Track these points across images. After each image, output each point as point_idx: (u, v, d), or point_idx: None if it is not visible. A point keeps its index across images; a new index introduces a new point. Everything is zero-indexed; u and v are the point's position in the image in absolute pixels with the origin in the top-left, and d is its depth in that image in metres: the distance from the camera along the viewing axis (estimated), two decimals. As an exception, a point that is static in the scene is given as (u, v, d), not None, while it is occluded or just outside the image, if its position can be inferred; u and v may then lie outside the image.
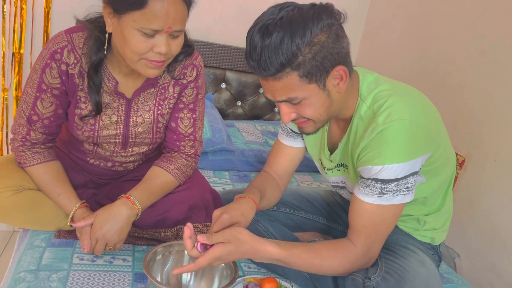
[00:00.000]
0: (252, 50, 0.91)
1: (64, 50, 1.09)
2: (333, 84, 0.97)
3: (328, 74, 0.94)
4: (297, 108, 0.98)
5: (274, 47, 0.88)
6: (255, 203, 1.12)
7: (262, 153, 1.92)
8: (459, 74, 1.67)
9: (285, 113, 0.99)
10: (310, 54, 0.90)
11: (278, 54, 0.89)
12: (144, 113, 1.21)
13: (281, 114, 1.00)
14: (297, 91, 0.94)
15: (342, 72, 0.96)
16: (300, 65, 0.90)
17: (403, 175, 0.97)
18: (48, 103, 1.13)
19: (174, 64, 1.19)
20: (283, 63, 0.89)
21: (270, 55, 0.89)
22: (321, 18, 0.89)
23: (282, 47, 0.88)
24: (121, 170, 1.33)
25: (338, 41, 0.93)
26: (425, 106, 1.05)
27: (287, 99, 0.96)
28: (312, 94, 0.95)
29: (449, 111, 1.67)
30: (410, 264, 1.03)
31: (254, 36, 0.91)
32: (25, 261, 1.09)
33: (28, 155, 1.17)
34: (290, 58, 0.89)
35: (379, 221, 1.01)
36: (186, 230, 0.95)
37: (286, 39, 0.88)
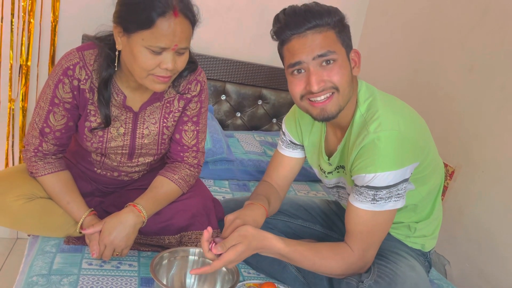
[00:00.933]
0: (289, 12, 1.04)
1: (76, 67, 1.15)
2: (352, 64, 1.08)
3: (350, 50, 1.08)
4: (327, 73, 1.04)
5: (316, 7, 1.03)
6: (266, 210, 1.17)
7: (260, 163, 1.95)
8: (449, 88, 1.74)
9: (316, 77, 1.02)
10: (341, 25, 1.05)
11: (321, 10, 1.03)
12: (150, 125, 1.27)
13: (312, 79, 1.02)
14: (334, 46, 1.03)
15: (356, 56, 1.09)
16: (336, 26, 1.04)
17: (394, 182, 1.03)
18: (60, 116, 1.19)
19: (179, 80, 1.24)
20: (326, 19, 1.02)
21: (313, 12, 1.02)
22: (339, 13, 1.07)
23: (320, 12, 1.02)
24: (126, 180, 1.38)
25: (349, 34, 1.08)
26: (413, 118, 1.13)
27: (326, 52, 1.02)
28: (342, 58, 1.05)
29: (440, 123, 1.74)
30: (400, 268, 1.09)
31: (287, 9, 1.05)
32: (37, 265, 1.14)
33: (40, 165, 1.22)
34: (329, 19, 1.02)
35: (373, 226, 1.07)
36: (205, 233, 1.00)
37: (323, 8, 1.04)
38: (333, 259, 1.07)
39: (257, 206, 1.16)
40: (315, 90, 1.03)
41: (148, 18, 1.01)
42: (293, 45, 1.03)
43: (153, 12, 1.01)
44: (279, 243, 1.03)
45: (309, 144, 1.29)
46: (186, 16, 1.05)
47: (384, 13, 2.24)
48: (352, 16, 1.13)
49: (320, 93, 1.04)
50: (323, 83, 1.03)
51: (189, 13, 1.06)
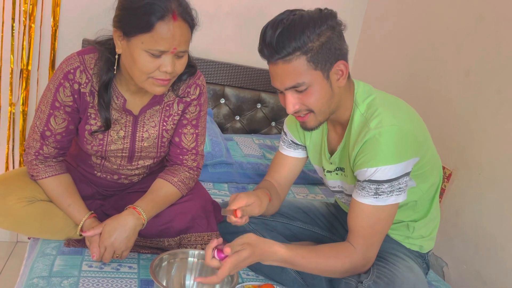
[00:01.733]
0: (266, 37, 1.03)
1: (76, 71, 1.16)
2: (335, 78, 1.08)
3: (332, 67, 1.06)
4: (302, 98, 1.07)
5: (287, 33, 1.01)
6: (268, 195, 1.20)
7: (259, 166, 1.96)
8: (446, 92, 1.76)
9: (290, 103, 1.07)
10: (318, 43, 1.02)
11: (290, 39, 1.00)
12: (150, 128, 1.28)
13: (287, 103, 1.08)
14: (304, 76, 1.03)
15: (343, 66, 1.07)
16: (309, 51, 1.01)
17: (395, 176, 1.05)
18: (60, 119, 1.20)
19: (179, 83, 1.26)
20: (294, 46, 1.00)
21: (284, 40, 1.00)
22: (327, 19, 1.03)
23: (294, 34, 1.00)
24: (126, 183, 1.39)
25: (340, 40, 1.06)
26: (411, 115, 1.15)
27: (295, 84, 1.04)
28: (317, 82, 1.05)
29: (437, 126, 1.75)
30: (399, 269, 1.10)
31: (268, 28, 1.03)
32: (38, 268, 1.15)
33: (41, 169, 1.23)
34: (301, 43, 1.00)
35: (375, 222, 1.08)
36: (214, 240, 1.01)
37: (298, 28, 1.01)
38: (336, 258, 1.08)
39: (259, 190, 1.20)
40: (289, 113, 1.09)
41: (147, 22, 1.02)
42: (270, 70, 1.08)
43: (152, 16, 1.02)
44: (281, 248, 1.05)
45: (311, 143, 1.30)
46: (185, 20, 1.07)
47: (381, 18, 2.26)
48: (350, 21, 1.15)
49: (296, 113, 1.10)
50: (297, 106, 1.08)
51: (188, 17, 1.08)
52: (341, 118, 1.16)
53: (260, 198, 1.16)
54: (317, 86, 1.05)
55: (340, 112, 1.15)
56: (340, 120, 1.17)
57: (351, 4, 2.37)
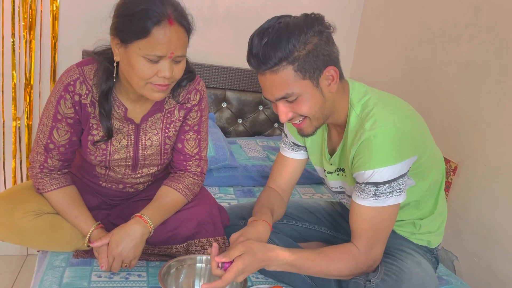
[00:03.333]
0: (253, 48, 1.02)
1: (76, 82, 1.16)
2: (326, 84, 1.06)
3: (321, 74, 1.04)
4: (293, 107, 1.06)
5: (272, 43, 0.99)
6: (269, 225, 1.17)
7: (264, 167, 1.96)
8: (447, 84, 1.75)
9: (282, 112, 1.07)
10: (305, 51, 1.00)
11: (276, 49, 0.99)
12: (152, 136, 1.28)
13: (279, 113, 1.08)
14: (292, 86, 1.02)
15: (333, 72, 1.05)
16: (295, 60, 1.00)
17: (393, 177, 1.04)
18: (63, 131, 1.20)
19: (178, 90, 1.26)
20: (280, 57, 0.99)
21: (269, 50, 0.99)
22: (313, 25, 1.01)
23: (280, 44, 0.99)
24: (132, 191, 1.39)
25: (329, 44, 1.04)
26: (408, 113, 1.13)
27: (284, 95, 1.03)
28: (306, 91, 1.04)
29: (439, 119, 1.75)
30: (406, 265, 1.09)
31: (255, 38, 1.02)
32: (47, 280, 1.15)
33: (46, 181, 1.24)
34: (287, 53, 0.99)
35: (377, 223, 1.07)
36: (214, 249, 1.01)
37: (283, 38, 0.99)
38: (340, 261, 1.07)
39: (261, 223, 1.16)
40: (282, 122, 1.09)
41: (143, 27, 1.03)
42: (259, 80, 1.07)
43: (148, 21, 1.03)
44: (284, 252, 1.04)
45: (311, 144, 1.30)
46: (181, 24, 1.07)
47: (379, 12, 2.25)
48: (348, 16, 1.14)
49: (290, 121, 1.09)
50: (290, 114, 1.07)
51: (184, 21, 1.08)
52: (338, 120, 1.15)
53: (261, 238, 1.11)
54: (307, 95, 1.04)
55: (336, 114, 1.14)
56: (337, 122, 1.16)
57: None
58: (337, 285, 1.18)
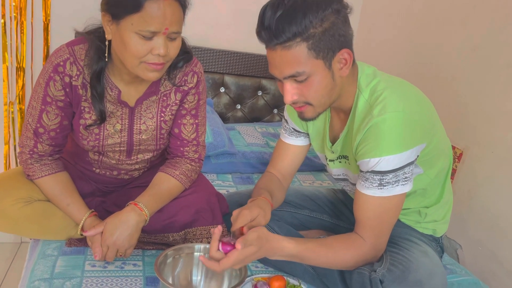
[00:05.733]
0: (265, 19, 0.95)
1: (66, 63, 1.11)
2: (338, 67, 1.01)
3: (334, 55, 0.99)
4: (301, 88, 1.00)
5: (287, 16, 0.93)
6: (269, 202, 1.14)
7: (263, 154, 1.93)
8: (452, 69, 1.70)
9: (288, 92, 1.01)
10: (321, 29, 0.94)
11: (291, 23, 0.93)
12: (147, 120, 1.23)
13: (284, 93, 1.02)
14: (304, 65, 0.96)
15: (347, 55, 1.00)
16: (310, 37, 0.94)
17: (400, 165, 1.00)
18: (53, 115, 1.15)
19: (175, 71, 1.21)
20: (295, 32, 0.93)
21: (283, 24, 0.93)
22: (332, 2, 0.95)
23: (295, 18, 0.93)
24: (127, 178, 1.35)
25: (345, 25, 0.98)
26: (418, 98, 1.09)
27: (294, 73, 0.98)
28: (318, 71, 0.98)
29: (444, 105, 1.70)
30: (413, 255, 1.06)
31: (268, 9, 0.95)
32: (39, 270, 1.12)
33: (37, 167, 1.19)
34: (302, 29, 0.93)
35: (382, 212, 1.04)
36: (216, 231, 0.97)
37: (299, 12, 0.93)
38: (345, 251, 1.04)
39: (260, 199, 1.13)
40: (286, 103, 1.03)
41: (136, 1, 0.97)
42: (268, 56, 1.01)
43: None
44: (289, 243, 1.01)
45: (313, 131, 1.25)
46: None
47: (382, -5, 2.19)
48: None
49: (293, 104, 1.04)
50: (296, 97, 1.02)
51: None
52: (344, 105, 1.11)
53: (264, 208, 1.09)
54: (318, 76, 0.99)
55: (343, 99, 1.09)
56: (343, 107, 1.12)
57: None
58: (339, 275, 1.14)
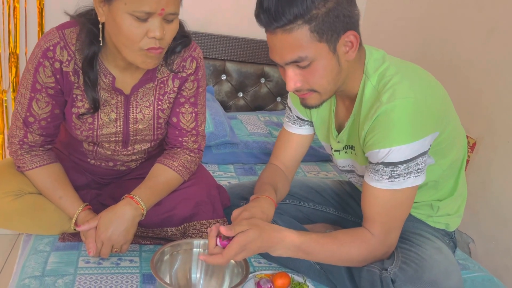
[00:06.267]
0: (264, 1, 0.89)
1: (56, 47, 1.05)
2: (343, 51, 0.94)
3: (339, 38, 0.92)
4: (304, 74, 0.94)
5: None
6: (273, 201, 1.09)
7: (266, 144, 1.89)
8: (467, 54, 1.63)
9: (291, 79, 0.95)
10: (324, 9, 0.88)
11: (291, 4, 0.87)
12: (144, 109, 1.17)
13: (287, 80, 0.96)
14: (306, 49, 0.90)
15: (353, 38, 0.93)
16: (312, 19, 0.88)
17: (412, 156, 0.94)
18: (43, 103, 1.10)
19: (172, 57, 1.15)
20: (296, 14, 0.87)
21: (283, 5, 0.87)
22: None
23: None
24: (123, 169, 1.30)
25: (351, 5, 0.92)
26: (431, 84, 1.02)
27: (296, 58, 0.92)
28: (321, 56, 0.92)
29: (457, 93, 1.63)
30: (427, 252, 1.01)
31: None
32: (29, 266, 1.07)
33: (27, 159, 1.14)
34: (304, 10, 0.87)
35: (393, 207, 0.98)
36: (214, 228, 0.93)
37: None
38: (352, 246, 0.99)
39: (263, 198, 1.07)
40: (289, 90, 0.97)
41: None
42: (268, 40, 0.96)
43: None
44: (291, 234, 0.96)
45: (317, 119, 1.19)
46: None
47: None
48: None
49: (297, 92, 0.99)
50: (299, 84, 0.96)
51: None
52: (350, 92, 1.04)
53: (266, 212, 1.03)
54: (322, 61, 0.93)
55: (349, 85, 1.02)
56: (348, 94, 1.05)
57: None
58: (347, 272, 1.08)
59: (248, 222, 0.93)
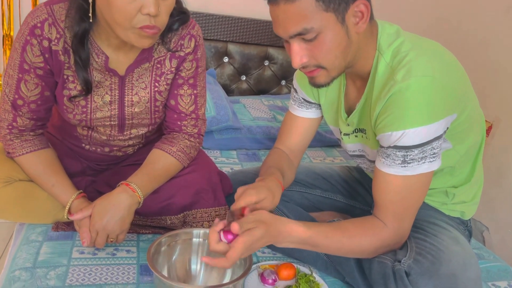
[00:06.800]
0: None
1: (44, 24, 0.99)
2: (353, 22, 0.88)
3: (348, 8, 0.86)
4: (311, 49, 0.88)
5: None
6: (280, 183, 1.03)
7: (270, 129, 1.86)
8: (483, 32, 1.56)
9: (296, 54, 0.89)
10: None
11: None
12: (140, 91, 1.11)
13: (292, 55, 0.90)
14: (312, 19, 0.84)
15: (363, 7, 0.87)
16: None
17: (427, 139, 0.87)
18: (32, 85, 1.03)
19: (169, 35, 1.08)
20: None
21: None
22: None
23: None
24: (120, 155, 1.24)
25: None
26: (450, 61, 0.95)
27: (301, 30, 0.85)
28: (328, 27, 0.85)
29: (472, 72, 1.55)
30: (443, 242, 0.94)
31: None
32: (20, 258, 1.01)
33: (17, 144, 1.09)
34: None
35: (406, 194, 0.92)
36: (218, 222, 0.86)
37: None
38: (363, 237, 0.93)
39: (270, 178, 1.01)
40: (295, 67, 0.91)
41: None
42: (270, 13, 0.89)
43: None
44: (298, 227, 0.89)
45: (326, 101, 1.12)
46: None
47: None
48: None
49: (303, 69, 0.93)
50: (305, 59, 0.90)
51: None
52: (361, 70, 0.97)
53: (273, 191, 0.97)
54: (330, 32, 0.86)
55: (360, 63, 0.96)
56: (359, 72, 0.98)
57: None
58: (356, 263, 1.03)
59: (254, 218, 0.86)
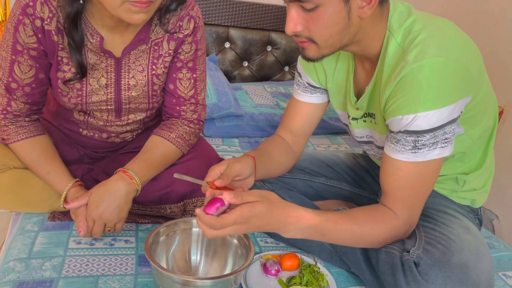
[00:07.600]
0: None
1: (36, 3, 0.95)
2: (357, 5, 0.83)
3: None
4: (308, 19, 0.84)
5: None
6: (252, 157, 1.02)
7: (273, 116, 1.81)
8: (495, 14, 1.50)
9: (291, 20, 0.85)
10: None
11: None
12: (137, 74, 1.07)
13: (287, 20, 0.86)
14: None
15: None
16: None
17: (440, 124, 0.83)
18: (26, 67, 1.00)
19: (167, 15, 1.04)
20: None
21: None
22: None
23: None
24: (118, 142, 1.21)
25: None
26: (464, 41, 0.90)
27: None
28: (330, 2, 0.81)
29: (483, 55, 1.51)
30: (454, 231, 0.91)
31: None
32: (15, 248, 0.98)
33: (12, 130, 1.05)
34: None
35: (416, 181, 0.88)
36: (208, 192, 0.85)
37: None
38: (374, 225, 0.89)
39: (243, 157, 1.00)
40: (288, 32, 0.88)
41: None
42: None
43: None
44: (308, 213, 0.85)
45: (333, 85, 1.07)
46: None
47: None
48: None
49: (296, 37, 0.90)
50: (299, 28, 0.87)
51: None
52: (370, 51, 0.92)
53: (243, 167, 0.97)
54: (330, 8, 0.82)
55: (369, 43, 0.91)
56: (368, 54, 0.94)
57: None
58: (363, 253, 0.99)
59: (259, 193, 0.82)
